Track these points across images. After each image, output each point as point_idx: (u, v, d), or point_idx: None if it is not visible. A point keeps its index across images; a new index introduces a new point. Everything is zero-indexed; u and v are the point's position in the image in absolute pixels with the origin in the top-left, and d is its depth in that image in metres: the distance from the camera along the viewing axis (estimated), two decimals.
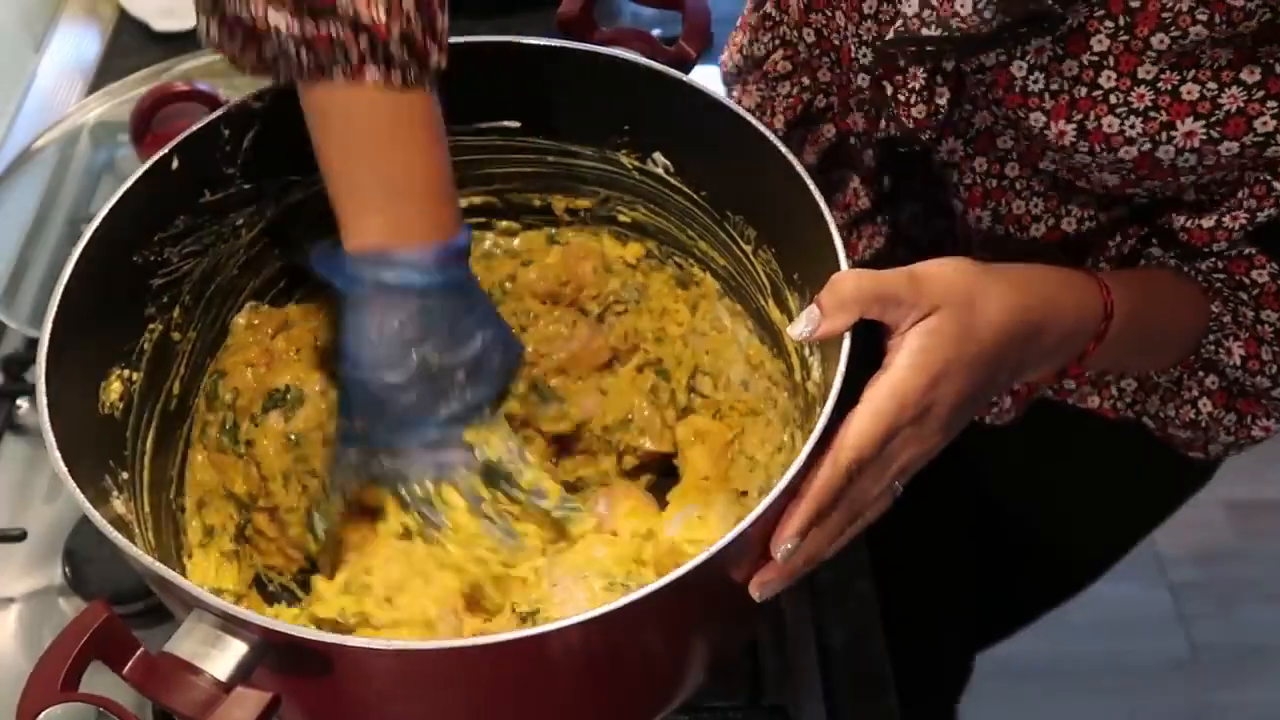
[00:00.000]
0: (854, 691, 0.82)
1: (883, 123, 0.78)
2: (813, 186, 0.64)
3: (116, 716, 0.48)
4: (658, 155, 0.76)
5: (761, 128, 0.67)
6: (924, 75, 0.71)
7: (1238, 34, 0.58)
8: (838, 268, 0.61)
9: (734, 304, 0.80)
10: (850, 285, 0.57)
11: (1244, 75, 0.60)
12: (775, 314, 0.74)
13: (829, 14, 0.77)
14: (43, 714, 0.47)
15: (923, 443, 0.59)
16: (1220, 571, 1.96)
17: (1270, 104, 0.60)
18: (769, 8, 0.86)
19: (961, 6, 0.64)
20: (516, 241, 0.85)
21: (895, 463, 0.58)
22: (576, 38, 0.76)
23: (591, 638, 0.53)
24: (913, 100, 0.72)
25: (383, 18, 0.61)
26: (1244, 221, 0.67)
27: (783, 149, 0.66)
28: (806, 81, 0.84)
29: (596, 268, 0.83)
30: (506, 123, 0.78)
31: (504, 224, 0.84)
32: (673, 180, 0.77)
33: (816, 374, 0.68)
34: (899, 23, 0.68)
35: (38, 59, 1.29)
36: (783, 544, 0.56)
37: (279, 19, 0.62)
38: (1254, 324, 0.71)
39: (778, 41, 0.86)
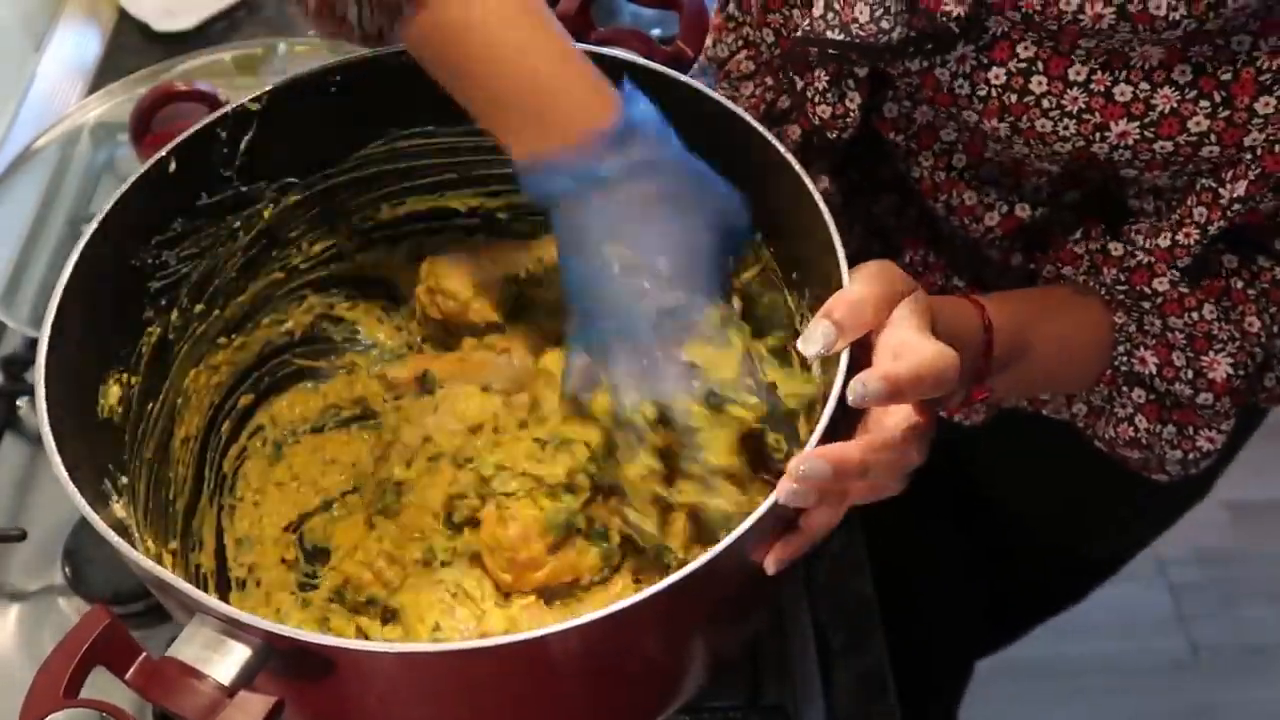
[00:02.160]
0: (854, 691, 0.82)
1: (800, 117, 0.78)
2: (812, 187, 0.64)
3: None
4: None
5: (760, 128, 0.67)
6: (827, 77, 0.71)
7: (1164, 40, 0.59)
8: (838, 269, 0.61)
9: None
10: (870, 306, 0.57)
11: (1175, 75, 0.60)
12: None
13: (786, 13, 0.78)
14: None
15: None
16: (1220, 571, 1.96)
17: (1203, 104, 0.60)
18: (731, 8, 0.87)
19: (860, 13, 0.65)
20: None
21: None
22: (574, 37, 0.76)
23: (593, 640, 0.53)
24: (817, 100, 0.72)
25: None
26: (1197, 237, 0.66)
27: (781, 149, 0.66)
28: (769, 81, 0.84)
29: None
30: None
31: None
32: None
33: (816, 372, 0.68)
34: (806, 22, 0.69)
35: (38, 59, 1.28)
36: (866, 382, 0.53)
37: None
38: (1162, 332, 0.71)
39: (740, 42, 0.87)
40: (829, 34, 0.67)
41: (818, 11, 0.67)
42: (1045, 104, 0.63)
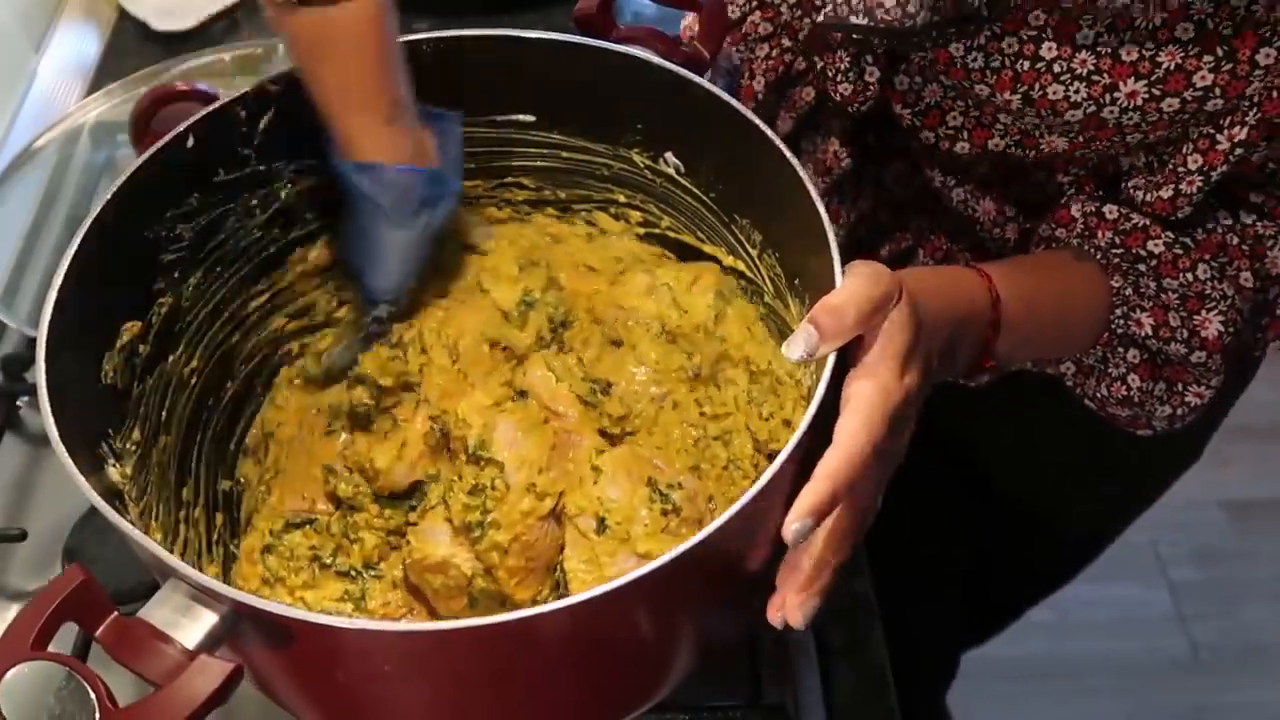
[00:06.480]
0: (854, 691, 0.82)
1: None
2: (815, 194, 0.64)
3: (82, 678, 0.48)
4: (669, 155, 0.77)
5: (769, 132, 0.67)
6: (848, 57, 0.72)
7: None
8: (831, 277, 0.60)
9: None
10: (851, 311, 0.57)
11: (1179, 33, 0.61)
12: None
13: None
14: (11, 672, 0.47)
15: (903, 435, 0.59)
16: (1220, 571, 1.97)
17: (1206, 58, 0.62)
18: None
19: None
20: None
21: (891, 457, 0.58)
22: (595, 35, 0.76)
23: (545, 630, 0.53)
24: (839, 78, 0.74)
25: None
26: (1200, 184, 0.67)
27: (788, 154, 0.66)
28: (787, 43, 0.84)
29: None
30: (521, 116, 0.78)
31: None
32: (683, 180, 0.77)
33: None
34: (829, 7, 0.69)
35: (38, 59, 1.29)
36: (794, 523, 0.52)
37: None
38: (1157, 293, 0.72)
39: (755, 4, 0.87)
40: (852, 19, 0.67)
41: None
42: (1056, 68, 0.65)
